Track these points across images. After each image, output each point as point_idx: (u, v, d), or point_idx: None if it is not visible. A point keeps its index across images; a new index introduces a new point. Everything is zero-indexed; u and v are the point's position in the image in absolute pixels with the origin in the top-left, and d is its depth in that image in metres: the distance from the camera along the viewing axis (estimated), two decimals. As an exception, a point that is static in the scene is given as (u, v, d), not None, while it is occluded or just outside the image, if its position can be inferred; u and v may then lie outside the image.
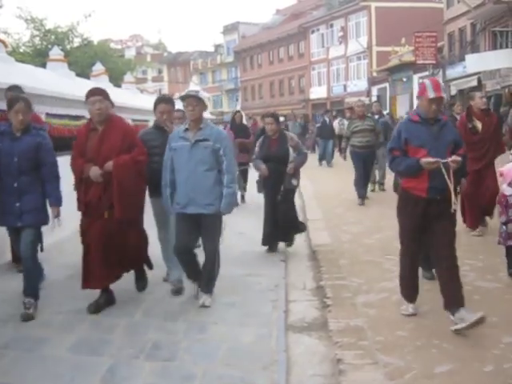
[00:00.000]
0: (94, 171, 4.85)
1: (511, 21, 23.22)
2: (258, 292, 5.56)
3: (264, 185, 7.14)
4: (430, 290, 5.23)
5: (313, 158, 22.18)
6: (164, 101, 5.77)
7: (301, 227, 7.32)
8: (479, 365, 3.71)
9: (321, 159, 20.78)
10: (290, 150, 6.90)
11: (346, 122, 24.72)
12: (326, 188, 13.44)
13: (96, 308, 4.94)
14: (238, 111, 12.28)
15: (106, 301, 5.06)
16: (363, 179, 10.86)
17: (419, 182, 4.47)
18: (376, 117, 12.17)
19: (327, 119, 21.24)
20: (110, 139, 4.98)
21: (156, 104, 5.71)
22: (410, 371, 3.67)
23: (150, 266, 5.53)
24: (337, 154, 18.95)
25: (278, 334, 4.48)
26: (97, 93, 5.05)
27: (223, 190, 5.02)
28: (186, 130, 5.10)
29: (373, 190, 12.40)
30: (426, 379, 3.55)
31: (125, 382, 3.74)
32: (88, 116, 5.53)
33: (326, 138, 20.32)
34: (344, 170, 14.91)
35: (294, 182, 7.01)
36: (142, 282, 5.49)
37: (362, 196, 10.80)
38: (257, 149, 7.20)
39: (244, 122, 12.52)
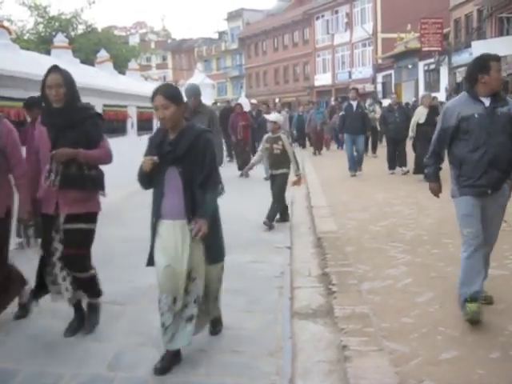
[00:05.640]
0: None
1: (518, 7, 23.04)
2: (263, 279, 5.56)
3: None
4: (435, 277, 5.24)
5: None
6: None
7: None
8: (485, 352, 3.71)
9: (352, 163, 13.20)
10: None
11: (378, 109, 18.70)
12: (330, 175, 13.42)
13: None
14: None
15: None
16: None
17: None
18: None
19: (354, 104, 13.44)
20: None
21: None
22: (415, 358, 3.67)
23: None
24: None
25: (283, 320, 4.49)
26: None
27: None
28: None
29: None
30: (431, 366, 3.55)
31: (131, 368, 3.75)
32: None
33: (353, 132, 13.21)
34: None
35: None
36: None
37: None
38: None
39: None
